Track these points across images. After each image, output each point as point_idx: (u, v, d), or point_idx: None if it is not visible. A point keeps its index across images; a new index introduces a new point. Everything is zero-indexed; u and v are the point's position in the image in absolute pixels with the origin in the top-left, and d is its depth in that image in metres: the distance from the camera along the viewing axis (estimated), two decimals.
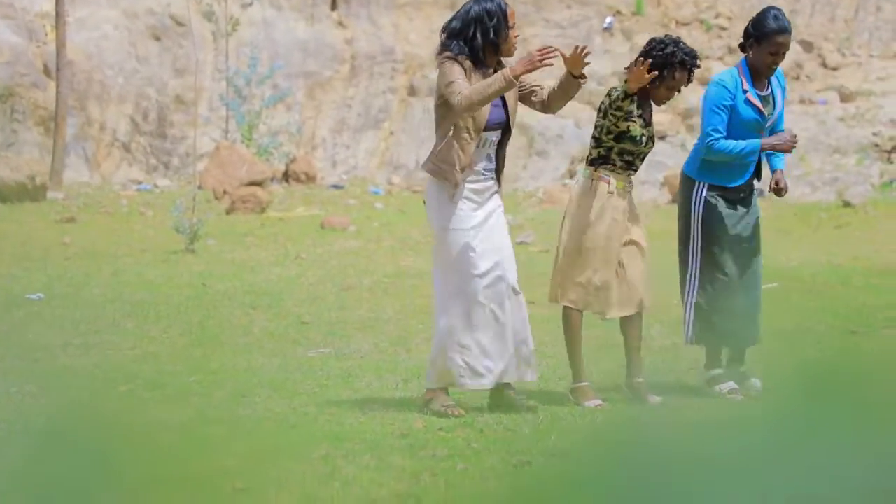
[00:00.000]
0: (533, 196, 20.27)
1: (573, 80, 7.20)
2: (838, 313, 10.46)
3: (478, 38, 7.03)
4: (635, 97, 7.48)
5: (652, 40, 7.60)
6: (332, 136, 24.45)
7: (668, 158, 21.12)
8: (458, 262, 7.14)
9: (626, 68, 7.63)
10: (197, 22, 23.43)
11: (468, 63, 7.05)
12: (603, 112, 7.52)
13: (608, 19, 25.26)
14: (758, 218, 7.91)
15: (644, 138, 7.52)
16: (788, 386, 7.42)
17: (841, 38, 24.70)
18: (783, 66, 7.95)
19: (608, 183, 7.51)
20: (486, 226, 7.19)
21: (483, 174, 7.22)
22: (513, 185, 21.79)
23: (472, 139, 7.08)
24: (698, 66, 7.56)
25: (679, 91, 7.61)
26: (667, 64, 7.47)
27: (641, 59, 7.41)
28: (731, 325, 7.74)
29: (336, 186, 22.25)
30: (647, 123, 7.57)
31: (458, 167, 7.10)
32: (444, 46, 7.12)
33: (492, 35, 7.05)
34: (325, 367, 8.67)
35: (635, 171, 7.63)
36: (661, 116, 22.67)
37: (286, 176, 22.30)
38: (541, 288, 7.74)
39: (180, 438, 6.92)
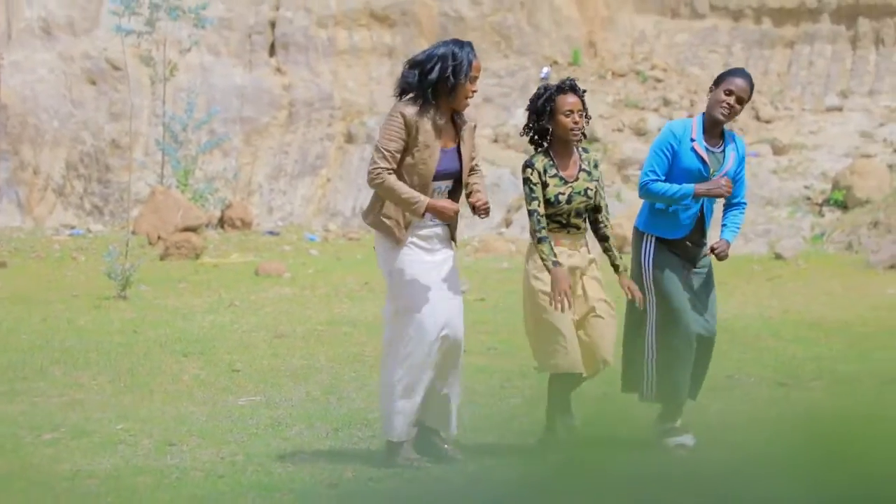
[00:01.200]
0: (468, 244, 20.31)
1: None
2: (768, 365, 10.52)
3: (434, 74, 7.02)
4: (547, 155, 7.47)
5: (531, 98, 7.61)
6: (268, 182, 24.41)
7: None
8: (407, 312, 7.07)
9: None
10: (134, 66, 23.36)
11: (412, 110, 7.03)
12: (530, 184, 7.53)
13: (545, 69, 25.44)
14: (710, 274, 7.87)
15: (562, 198, 7.44)
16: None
17: (774, 91, 25.00)
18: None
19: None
20: (435, 275, 7.11)
21: (431, 221, 7.16)
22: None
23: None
24: (577, 85, 7.53)
25: (580, 115, 7.45)
26: (545, 103, 7.50)
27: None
28: (685, 378, 7.69)
29: (272, 233, 22.19)
30: (569, 179, 7.50)
31: (401, 223, 7.08)
32: (402, 77, 7.11)
33: (449, 75, 7.04)
34: (255, 416, 8.61)
35: (578, 228, 7.53)
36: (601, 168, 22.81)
37: (222, 222, 22.22)
38: (475, 336, 7.75)
39: (105, 488, 6.84)
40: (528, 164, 7.49)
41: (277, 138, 24.86)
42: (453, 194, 7.23)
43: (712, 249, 7.76)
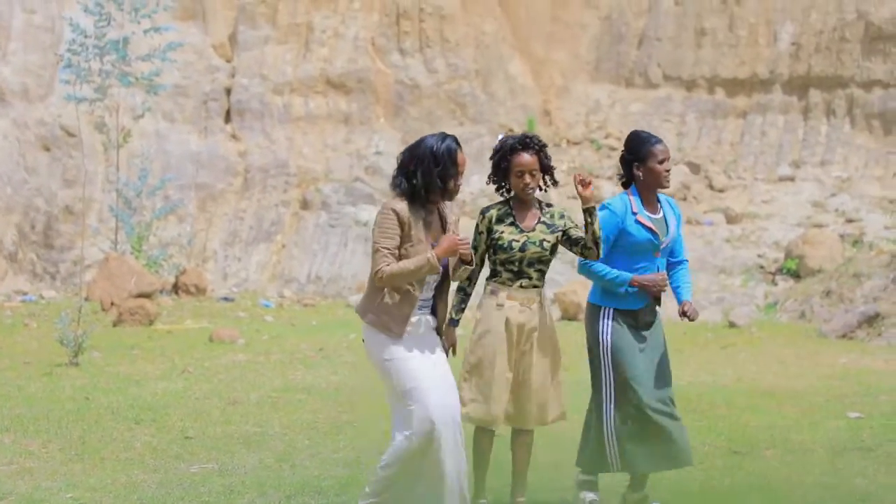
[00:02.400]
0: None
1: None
2: (722, 433, 10.54)
3: (419, 178, 7.05)
4: (508, 204, 7.58)
5: (494, 148, 7.73)
6: (223, 248, 24.35)
7: (558, 275, 21.30)
8: (405, 398, 7.04)
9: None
10: (87, 133, 23.32)
11: (404, 206, 7.05)
12: (476, 230, 7.62)
13: (500, 137, 25.57)
14: (664, 341, 7.93)
15: (515, 244, 7.53)
16: None
17: (727, 160, 25.22)
18: (672, 188, 8.07)
19: (496, 296, 7.55)
20: (425, 359, 7.11)
21: (419, 308, 7.17)
22: None
23: (414, 289, 7.07)
24: (538, 144, 7.62)
25: (534, 176, 7.54)
26: (500, 160, 7.58)
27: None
28: (647, 449, 7.71)
29: (226, 299, 22.11)
30: (526, 228, 7.58)
31: (400, 319, 7.08)
32: (392, 183, 7.14)
33: (436, 178, 7.06)
34: (207, 484, 8.54)
35: (531, 280, 7.59)
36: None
37: (176, 288, 22.13)
38: None
39: None
40: (481, 212, 7.62)
41: (232, 204, 24.83)
42: (440, 286, 7.24)
43: (684, 314, 7.82)
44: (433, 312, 7.23)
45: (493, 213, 7.59)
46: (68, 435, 10.30)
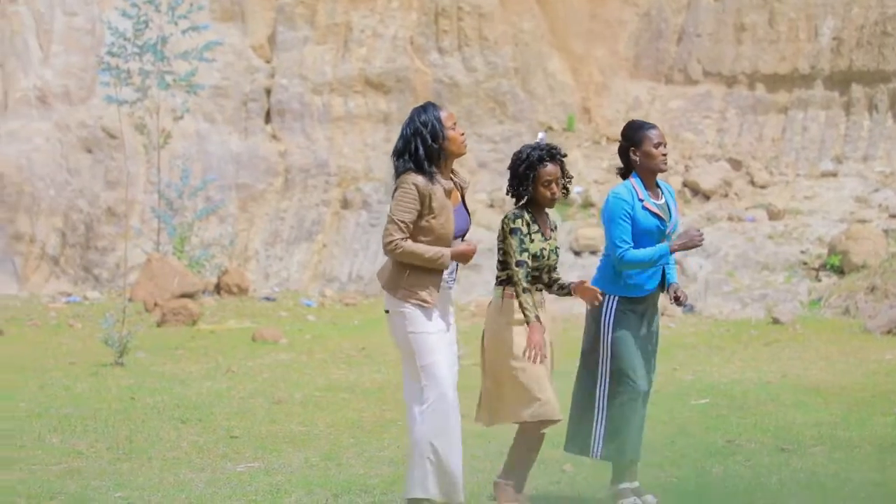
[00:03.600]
0: (465, 309, 20.30)
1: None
2: (768, 430, 10.50)
3: (420, 151, 7.16)
4: (528, 212, 7.60)
5: (513, 156, 7.75)
6: (264, 248, 24.42)
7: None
8: (433, 368, 7.14)
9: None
10: (129, 134, 23.44)
11: (422, 179, 7.14)
12: (502, 237, 7.61)
13: (540, 135, 25.40)
14: (658, 327, 8.02)
15: (546, 252, 7.59)
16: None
17: (768, 156, 25.10)
18: (714, 184, 8.09)
19: (513, 298, 7.58)
20: (446, 338, 7.27)
21: (446, 282, 7.32)
22: None
23: None
24: (561, 154, 7.67)
25: (559, 185, 7.61)
26: (527, 171, 7.60)
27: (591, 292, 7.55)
28: (634, 437, 7.79)
29: (268, 299, 22.18)
30: (547, 236, 7.65)
31: (434, 288, 7.20)
32: (396, 169, 7.24)
33: (430, 142, 7.16)
34: (254, 482, 8.57)
35: (542, 283, 7.66)
36: (594, 231, 22.88)
37: (218, 288, 22.21)
38: (473, 400, 7.65)
39: None
40: (517, 216, 7.57)
41: (273, 204, 24.89)
42: None
43: (678, 300, 7.84)
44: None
45: (527, 217, 7.62)
46: (115, 434, 10.36)
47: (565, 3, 26.94)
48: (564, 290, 7.70)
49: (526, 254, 7.50)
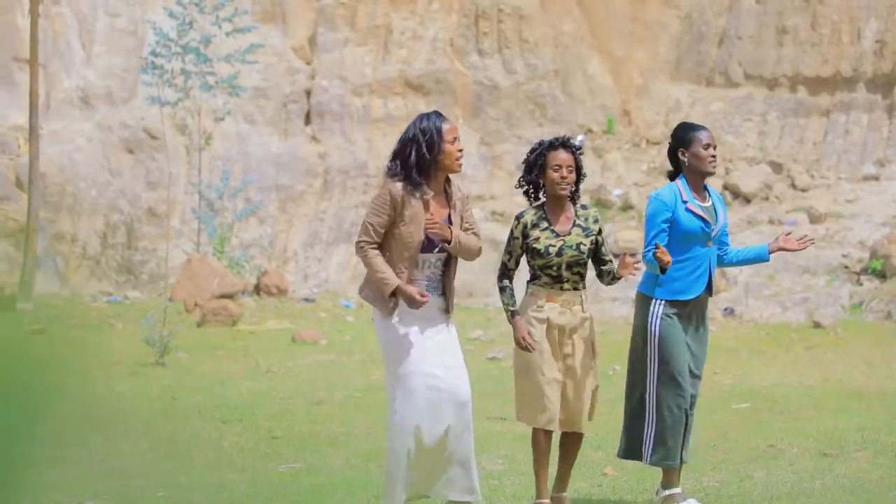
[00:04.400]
0: (503, 312, 20.32)
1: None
2: (810, 435, 10.43)
3: (412, 157, 7.12)
4: (541, 210, 7.57)
5: (525, 156, 7.75)
6: (303, 249, 24.47)
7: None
8: (402, 379, 7.04)
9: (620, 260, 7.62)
10: (170, 135, 23.54)
11: (400, 186, 7.10)
12: (511, 235, 7.63)
13: (579, 137, 25.51)
14: (707, 332, 7.95)
15: (553, 249, 7.53)
16: None
17: (810, 160, 24.98)
18: (754, 187, 8.06)
19: (537, 297, 7.56)
20: (429, 343, 7.10)
21: (426, 289, 7.15)
22: (483, 301, 21.80)
23: (405, 269, 7.10)
24: (575, 146, 7.64)
25: (570, 171, 7.55)
26: (537, 158, 7.60)
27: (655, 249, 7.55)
28: (682, 441, 7.75)
29: (307, 300, 22.22)
30: (561, 233, 7.59)
31: (389, 299, 7.07)
32: (385, 170, 7.25)
33: (425, 152, 7.13)
34: (295, 483, 8.59)
35: (570, 282, 7.59)
36: (633, 233, 22.81)
37: (257, 289, 22.27)
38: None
39: None
40: (516, 217, 7.61)
41: (312, 206, 24.95)
42: (447, 266, 7.24)
43: (790, 244, 7.86)
44: (442, 294, 7.22)
45: (528, 217, 7.61)
46: (157, 434, 10.40)
47: (606, 5, 26.88)
48: (612, 276, 7.65)
49: (507, 255, 7.61)
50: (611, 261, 7.77)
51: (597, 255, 7.70)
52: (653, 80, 26.66)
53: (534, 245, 7.54)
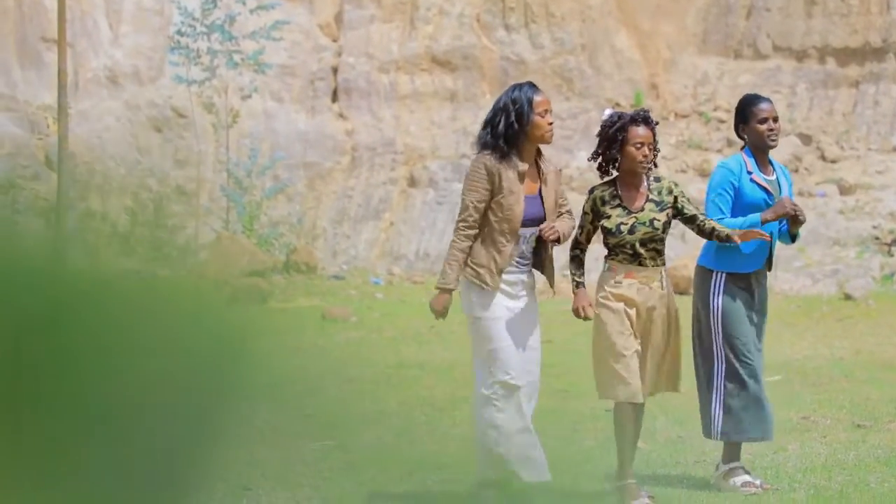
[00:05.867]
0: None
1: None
2: (843, 406, 10.40)
3: (501, 126, 7.09)
4: (613, 185, 7.48)
5: (603, 122, 7.58)
6: (332, 226, 24.50)
7: (669, 250, 21.13)
8: (487, 357, 7.08)
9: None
10: (198, 113, 23.58)
11: (492, 158, 7.07)
12: (583, 210, 7.56)
13: (607, 111, 25.39)
14: (766, 305, 7.91)
15: (624, 228, 7.40)
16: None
17: (839, 131, 24.84)
18: (783, 159, 8.04)
19: (615, 273, 7.47)
20: (515, 321, 7.13)
21: (516, 266, 7.18)
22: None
23: (507, 242, 7.08)
24: (650, 117, 7.51)
25: (651, 147, 7.41)
26: (617, 133, 7.42)
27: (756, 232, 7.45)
28: (754, 415, 7.68)
29: (336, 277, 22.26)
30: (634, 209, 7.46)
31: (494, 271, 7.09)
32: (478, 138, 7.23)
33: (514, 121, 7.07)
34: (328, 460, 8.61)
35: (647, 259, 7.44)
36: None
37: (287, 266, 22.31)
38: (544, 379, 7.63)
39: None
40: (589, 191, 7.53)
41: (341, 183, 24.96)
42: (540, 240, 7.22)
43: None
44: (536, 267, 7.23)
45: (599, 193, 7.47)
46: None
47: None
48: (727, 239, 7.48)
49: (579, 230, 7.47)
50: (703, 214, 7.61)
51: (686, 218, 7.54)
52: (680, 53, 26.55)
53: (605, 224, 7.42)
